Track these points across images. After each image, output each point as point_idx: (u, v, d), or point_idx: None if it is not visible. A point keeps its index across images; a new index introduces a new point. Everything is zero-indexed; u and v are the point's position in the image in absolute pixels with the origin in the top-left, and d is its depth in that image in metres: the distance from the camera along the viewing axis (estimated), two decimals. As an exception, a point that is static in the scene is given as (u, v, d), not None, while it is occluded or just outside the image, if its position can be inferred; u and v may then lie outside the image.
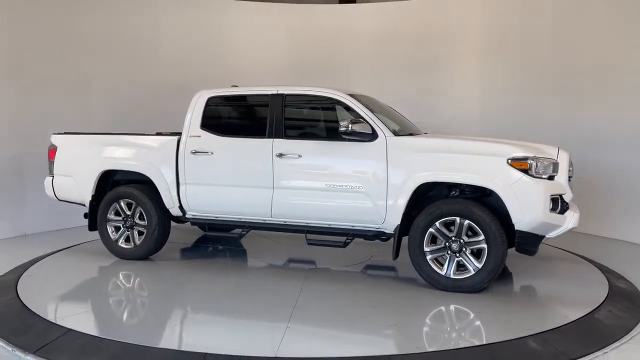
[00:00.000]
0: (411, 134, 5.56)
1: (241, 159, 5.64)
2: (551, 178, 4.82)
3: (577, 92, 8.10)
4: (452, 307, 4.64)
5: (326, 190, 5.26)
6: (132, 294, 5.22)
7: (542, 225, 4.73)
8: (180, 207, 5.87)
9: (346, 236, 5.37)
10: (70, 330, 4.01)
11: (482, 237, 4.77)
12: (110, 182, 6.29)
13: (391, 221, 5.07)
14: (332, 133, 5.56)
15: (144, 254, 5.99)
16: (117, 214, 6.08)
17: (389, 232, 5.20)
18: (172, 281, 5.53)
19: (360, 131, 5.05)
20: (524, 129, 8.18)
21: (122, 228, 6.06)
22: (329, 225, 5.40)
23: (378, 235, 5.31)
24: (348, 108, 5.37)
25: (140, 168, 5.95)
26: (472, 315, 4.47)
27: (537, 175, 4.71)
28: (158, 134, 6.22)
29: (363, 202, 5.15)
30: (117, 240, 6.05)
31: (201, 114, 5.79)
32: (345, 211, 5.24)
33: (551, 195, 4.73)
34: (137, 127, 7.06)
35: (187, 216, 5.94)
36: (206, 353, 3.62)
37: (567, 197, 4.96)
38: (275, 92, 5.60)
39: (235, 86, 6.05)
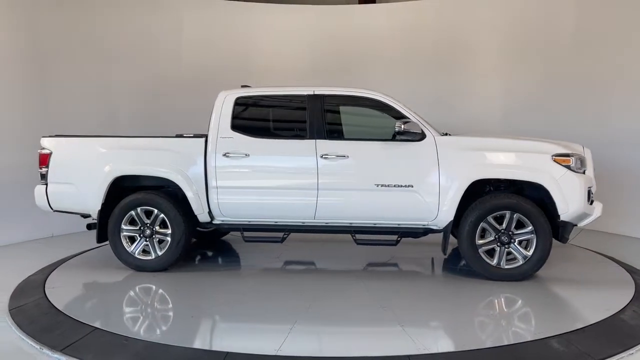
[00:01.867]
0: (446, 134, 5.61)
1: (281, 161, 5.51)
2: (583, 172, 5.22)
3: (600, 91, 7.98)
4: (483, 304, 4.72)
5: (375, 190, 5.28)
6: (157, 294, 5.20)
7: (580, 215, 5.16)
8: (209, 212, 5.65)
9: (392, 234, 5.45)
10: (96, 328, 4.11)
11: (530, 228, 5.12)
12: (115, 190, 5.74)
13: (443, 218, 5.24)
14: (376, 133, 5.62)
15: (166, 264, 5.64)
16: (131, 223, 5.66)
17: (437, 228, 5.36)
18: (209, 287, 5.34)
19: (413, 131, 5.21)
20: (543, 128, 8.09)
21: (140, 238, 5.64)
22: (374, 224, 5.44)
23: (425, 233, 5.43)
24: (391, 109, 5.46)
25: (164, 173, 5.56)
26: (496, 316, 4.48)
27: (577, 170, 5.13)
28: (178, 136, 5.89)
29: (414, 200, 5.25)
30: (133, 252, 5.63)
31: (230, 114, 5.59)
32: (396, 210, 5.32)
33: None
34: (157, 129, 7.09)
35: (214, 222, 5.71)
36: (227, 352, 3.67)
37: (593, 190, 5.33)
38: (312, 93, 5.57)
39: (247, 86, 5.92)
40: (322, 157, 5.35)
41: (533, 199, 5.25)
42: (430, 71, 9.51)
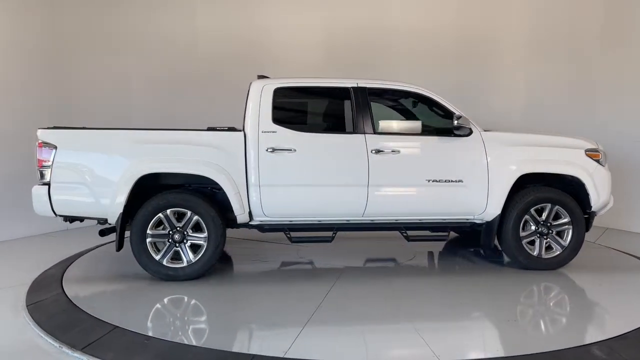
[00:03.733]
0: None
1: (331, 157, 5.22)
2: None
3: (623, 89, 7.80)
4: (518, 309, 4.58)
5: (426, 185, 5.24)
6: (180, 291, 4.90)
7: (605, 205, 5.54)
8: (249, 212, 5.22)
9: (439, 229, 5.53)
10: (116, 327, 3.97)
11: (567, 219, 5.40)
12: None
13: (491, 211, 5.34)
14: (423, 128, 5.49)
15: (201, 271, 5.10)
16: (158, 226, 5.08)
17: (480, 222, 5.44)
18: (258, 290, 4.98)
19: (466, 126, 5.26)
20: (564, 123, 7.95)
21: (168, 243, 5.07)
22: (420, 220, 5.39)
23: (471, 227, 5.50)
24: (435, 104, 5.41)
25: (204, 170, 5.00)
26: (534, 321, 4.31)
27: (603, 164, 5.51)
28: (210, 129, 5.40)
29: (464, 195, 5.30)
30: (161, 260, 5.06)
31: (271, 106, 5.21)
32: (446, 205, 5.32)
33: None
34: (170, 123, 6.92)
35: (252, 222, 5.27)
36: (254, 355, 3.52)
37: None
38: (355, 85, 5.36)
39: (264, 76, 5.58)
40: (373, 152, 5.19)
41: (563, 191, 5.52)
42: (451, 65, 9.27)
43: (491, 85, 9.16)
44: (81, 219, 5.23)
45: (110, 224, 5.17)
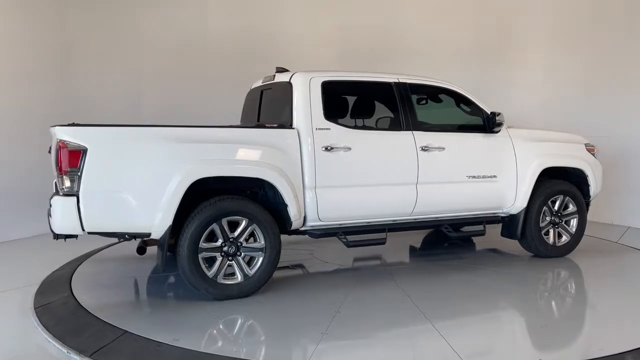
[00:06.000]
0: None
1: (384, 155, 5.00)
2: None
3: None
4: (550, 316, 4.44)
5: (466, 181, 5.32)
6: (192, 291, 4.51)
7: (597, 194, 6.04)
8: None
9: (478, 224, 5.64)
10: (126, 332, 3.82)
11: (575, 209, 5.81)
12: None
13: (519, 204, 5.56)
14: (454, 124, 5.64)
15: (257, 286, 4.53)
16: (210, 239, 4.41)
17: (505, 215, 5.64)
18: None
19: (502, 123, 5.42)
20: (579, 120, 7.79)
21: (222, 257, 4.42)
22: (456, 216, 5.44)
23: (500, 221, 5.70)
24: (468, 102, 5.48)
25: (268, 174, 4.46)
26: (565, 328, 4.13)
27: (596, 157, 6.01)
28: (258, 126, 4.99)
29: (497, 189, 5.47)
30: (216, 276, 4.40)
31: (321, 101, 4.80)
32: (482, 200, 5.45)
33: None
34: (181, 121, 6.77)
35: (304, 227, 4.83)
36: (270, 362, 3.38)
37: None
38: (396, 81, 5.19)
39: (283, 69, 5.29)
40: (422, 149, 5.08)
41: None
42: (467, 61, 9.09)
43: (508, 82, 8.98)
44: (75, 236, 4.32)
45: (148, 239, 4.62)
